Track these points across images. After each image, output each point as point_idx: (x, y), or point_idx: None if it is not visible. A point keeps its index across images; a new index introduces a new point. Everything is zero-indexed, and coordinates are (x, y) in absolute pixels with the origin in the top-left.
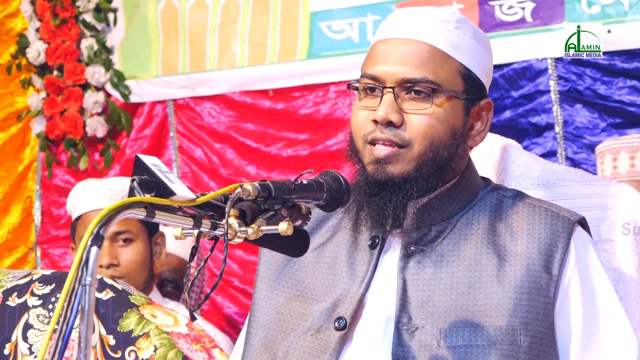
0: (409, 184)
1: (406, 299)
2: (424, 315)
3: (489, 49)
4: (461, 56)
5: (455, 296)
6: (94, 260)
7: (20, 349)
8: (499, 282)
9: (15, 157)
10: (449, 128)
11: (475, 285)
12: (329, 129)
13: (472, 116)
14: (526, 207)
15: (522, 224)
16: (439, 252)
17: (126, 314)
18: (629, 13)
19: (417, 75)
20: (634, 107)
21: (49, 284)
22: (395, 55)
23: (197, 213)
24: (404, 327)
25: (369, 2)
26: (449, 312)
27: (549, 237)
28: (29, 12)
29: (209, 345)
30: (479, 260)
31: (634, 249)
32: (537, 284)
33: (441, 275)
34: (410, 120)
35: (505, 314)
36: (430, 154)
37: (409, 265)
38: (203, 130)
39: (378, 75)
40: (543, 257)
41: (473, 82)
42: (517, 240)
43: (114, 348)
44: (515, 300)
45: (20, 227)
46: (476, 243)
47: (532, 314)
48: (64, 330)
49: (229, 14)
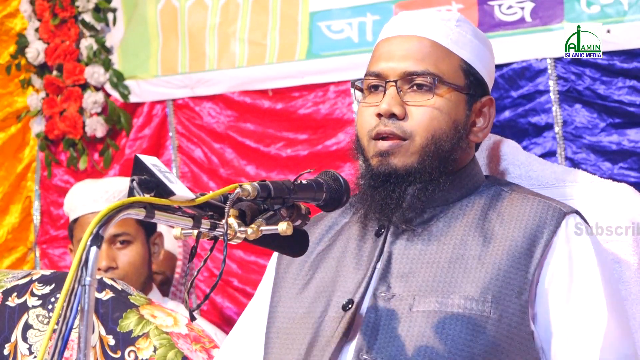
0: (412, 176)
1: (389, 270)
2: (402, 284)
3: (490, 49)
4: (462, 52)
5: (434, 269)
6: (93, 261)
7: (20, 349)
8: (479, 261)
9: (14, 157)
10: (450, 120)
11: (457, 262)
12: (329, 129)
13: (474, 112)
14: (521, 198)
15: (513, 212)
16: (429, 232)
17: (126, 314)
18: (629, 13)
19: (418, 69)
20: (634, 107)
21: (49, 284)
22: (397, 51)
23: (197, 213)
24: (381, 294)
25: (368, 2)
26: (427, 282)
27: (536, 224)
28: (28, 12)
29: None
30: (465, 240)
31: (634, 249)
32: (516, 264)
33: (426, 251)
34: (413, 112)
35: (479, 287)
36: (432, 146)
37: (397, 241)
38: (202, 130)
39: (381, 71)
40: (527, 240)
41: (475, 78)
42: (505, 225)
43: (114, 348)
44: (492, 275)
45: (20, 227)
46: (466, 226)
47: (506, 290)
48: (64, 331)
49: (228, 13)
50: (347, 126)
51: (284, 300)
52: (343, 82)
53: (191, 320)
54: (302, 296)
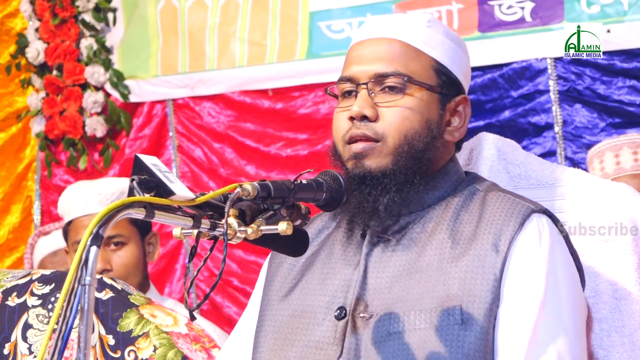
0: (387, 177)
1: (365, 287)
2: (379, 302)
3: (465, 49)
4: (434, 51)
5: (407, 281)
6: (93, 260)
7: (20, 349)
8: (449, 264)
9: (15, 156)
10: (423, 120)
11: (427, 269)
12: (329, 129)
13: (449, 111)
14: (493, 197)
15: (484, 212)
16: (403, 243)
17: (126, 314)
18: (629, 13)
19: (388, 70)
20: (633, 107)
21: (49, 284)
22: (367, 54)
23: (197, 213)
24: (359, 315)
25: (368, 2)
26: (401, 298)
27: (502, 219)
28: (28, 12)
29: (209, 345)
30: (435, 246)
31: (634, 249)
32: (483, 262)
33: (400, 263)
34: (384, 113)
35: (450, 295)
36: (405, 146)
37: (372, 253)
38: (202, 130)
39: (352, 75)
40: (492, 236)
41: (447, 78)
42: (474, 225)
43: (114, 348)
44: (461, 280)
45: (20, 226)
46: (438, 232)
47: (475, 292)
48: (64, 330)
49: (228, 13)
50: None
51: (271, 302)
52: None
53: (191, 319)
54: (290, 297)
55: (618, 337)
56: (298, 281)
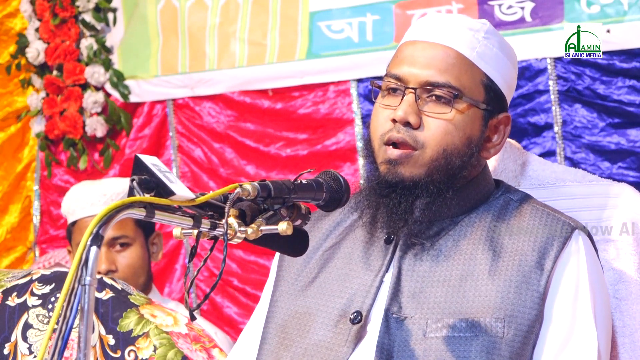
0: (419, 188)
1: (399, 289)
2: (414, 305)
3: (515, 63)
4: (486, 66)
5: (446, 288)
6: (93, 260)
7: (20, 349)
8: (490, 277)
9: (14, 156)
10: (464, 137)
11: (467, 279)
12: (328, 129)
13: (490, 128)
14: (529, 209)
15: (522, 224)
16: (437, 247)
17: (126, 314)
18: (628, 13)
19: (440, 80)
20: (633, 107)
21: (49, 284)
22: (421, 57)
23: (197, 213)
24: (393, 315)
25: (368, 2)
26: (439, 303)
27: (546, 236)
28: (28, 12)
29: (209, 345)
30: (474, 255)
31: (634, 249)
32: (527, 279)
33: (436, 268)
34: (429, 123)
35: (491, 306)
36: (442, 160)
37: (406, 256)
38: (202, 130)
39: (402, 75)
40: (537, 254)
41: (495, 94)
42: (514, 238)
43: (114, 348)
44: (503, 293)
45: (19, 226)
46: (475, 240)
47: (518, 307)
48: (64, 330)
49: (228, 13)
50: (346, 126)
51: (285, 295)
52: (343, 82)
53: (191, 319)
54: (305, 293)
55: (619, 337)
56: (316, 277)
